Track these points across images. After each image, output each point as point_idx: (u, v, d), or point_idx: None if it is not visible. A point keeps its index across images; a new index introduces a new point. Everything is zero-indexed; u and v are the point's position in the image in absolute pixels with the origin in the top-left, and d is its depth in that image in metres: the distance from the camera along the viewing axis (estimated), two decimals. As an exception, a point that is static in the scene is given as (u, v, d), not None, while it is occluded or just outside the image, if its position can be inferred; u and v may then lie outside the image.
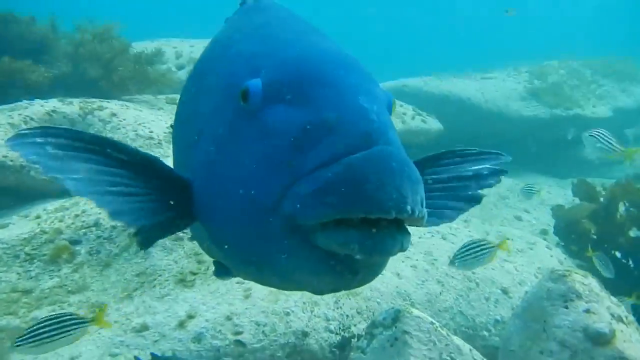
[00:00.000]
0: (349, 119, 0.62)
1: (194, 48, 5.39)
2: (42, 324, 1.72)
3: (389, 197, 0.57)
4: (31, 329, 1.71)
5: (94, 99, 3.33)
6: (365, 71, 0.74)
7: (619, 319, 1.72)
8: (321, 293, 0.71)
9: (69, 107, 3.17)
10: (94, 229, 2.62)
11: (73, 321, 1.75)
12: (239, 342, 2.33)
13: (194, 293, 2.39)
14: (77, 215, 2.67)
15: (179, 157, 1.03)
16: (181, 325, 2.30)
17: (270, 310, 2.40)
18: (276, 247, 0.64)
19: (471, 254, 2.45)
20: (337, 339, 2.61)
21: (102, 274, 2.54)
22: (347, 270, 0.63)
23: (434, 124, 5.72)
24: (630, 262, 3.37)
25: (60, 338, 1.72)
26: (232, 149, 0.72)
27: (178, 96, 4.88)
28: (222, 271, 1.22)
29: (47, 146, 0.75)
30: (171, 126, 1.32)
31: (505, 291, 3.01)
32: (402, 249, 0.63)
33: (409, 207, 0.58)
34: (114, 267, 2.56)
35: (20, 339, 1.71)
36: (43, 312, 2.30)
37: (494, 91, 7.02)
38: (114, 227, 2.65)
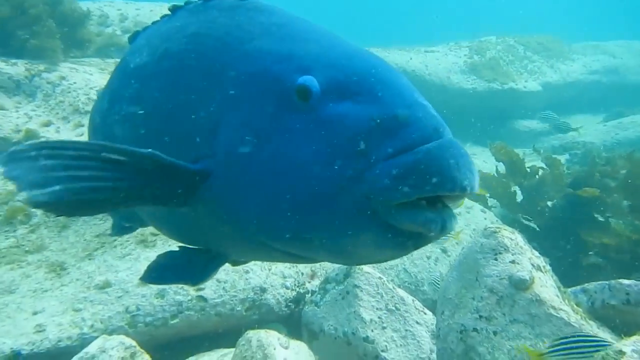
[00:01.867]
0: (419, 115, 0.73)
1: (140, 11, 5.23)
2: None
3: (465, 177, 0.69)
4: None
5: (38, 61, 3.24)
6: None
7: (538, 268, 2.01)
8: (369, 263, 0.81)
9: (13, 68, 3.07)
10: (50, 190, 2.63)
11: None
12: (201, 298, 2.47)
13: (156, 252, 2.49)
14: (32, 177, 2.66)
15: (143, 135, 1.00)
16: (144, 282, 2.40)
17: (230, 269, 2.54)
18: (345, 225, 0.71)
19: None
20: (293, 294, 2.81)
21: (61, 235, 2.57)
22: (412, 245, 0.73)
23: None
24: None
25: None
26: (284, 139, 0.76)
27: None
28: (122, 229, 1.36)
29: (41, 159, 0.75)
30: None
31: (444, 250, 3.31)
32: None
33: (476, 184, 0.70)
34: (72, 228, 2.59)
35: None
36: (2, 270, 2.33)
37: (436, 64, 7.34)
38: (71, 189, 2.67)
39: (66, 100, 3.08)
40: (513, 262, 2.02)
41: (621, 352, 1.02)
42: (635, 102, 8.06)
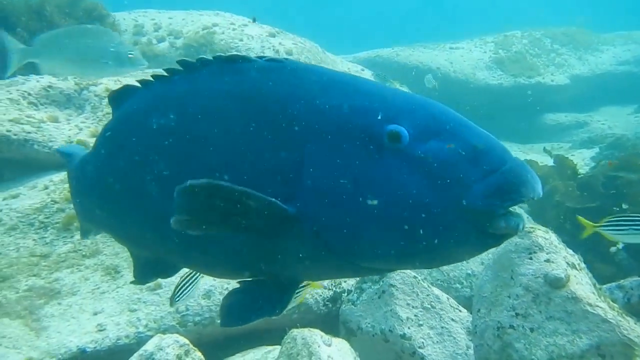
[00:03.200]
0: (492, 144, 0.91)
1: (173, 20, 5.41)
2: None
3: (537, 184, 0.88)
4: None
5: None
6: None
7: (573, 266, 2.07)
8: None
9: (64, 83, 3.26)
10: (101, 198, 2.81)
11: None
12: (245, 298, 2.60)
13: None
14: (84, 186, 2.83)
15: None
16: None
17: (271, 269, 2.66)
18: (448, 239, 0.89)
19: None
20: (330, 294, 2.92)
21: (113, 240, 2.73)
22: (495, 245, 0.91)
23: (405, 94, 5.99)
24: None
25: None
26: (385, 177, 0.92)
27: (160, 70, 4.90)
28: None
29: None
30: None
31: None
32: None
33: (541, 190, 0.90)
34: (123, 233, 2.76)
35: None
36: (63, 274, 2.50)
37: (461, 61, 7.35)
38: (120, 197, 2.84)
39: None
40: (548, 260, 2.08)
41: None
42: (668, 92, 7.89)
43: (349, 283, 2.98)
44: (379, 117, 0.95)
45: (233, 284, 1.15)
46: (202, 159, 1.10)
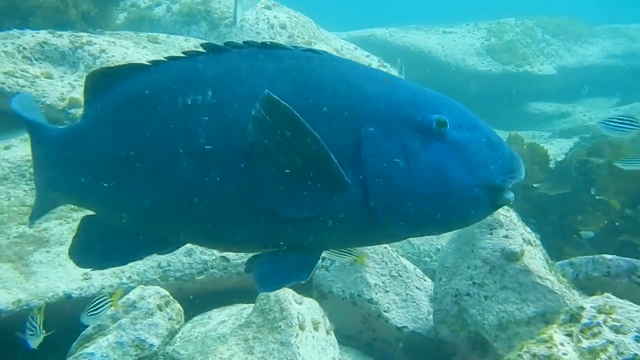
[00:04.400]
0: (497, 136, 1.16)
1: (168, -16, 5.43)
2: None
3: (524, 169, 1.15)
4: None
5: (82, 33, 3.47)
6: None
7: (528, 243, 2.25)
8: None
9: (59, 40, 3.31)
10: (91, 155, 2.91)
11: None
12: (224, 258, 2.76)
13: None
14: (74, 143, 2.93)
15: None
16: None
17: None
18: (472, 207, 1.13)
19: None
20: (305, 258, 3.08)
21: (101, 196, 2.85)
22: (492, 213, 1.22)
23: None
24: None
25: None
26: (431, 157, 1.13)
27: (160, 35, 5.01)
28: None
29: None
30: None
31: (447, 225, 3.54)
32: None
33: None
34: (111, 190, 2.87)
35: None
36: (52, 224, 2.63)
37: (453, 46, 7.43)
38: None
39: (104, 72, 3.32)
40: (506, 236, 2.26)
41: (582, 308, 1.27)
42: (653, 87, 8.07)
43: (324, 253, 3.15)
44: (425, 108, 1.16)
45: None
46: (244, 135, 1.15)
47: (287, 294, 2.32)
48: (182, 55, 1.28)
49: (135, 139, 1.26)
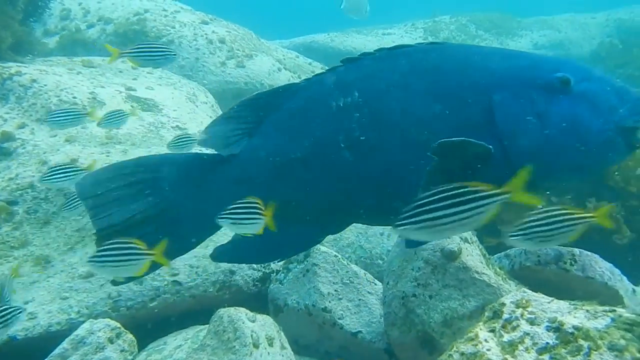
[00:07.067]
0: (620, 83, 1.25)
1: (102, 4, 5.31)
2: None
3: None
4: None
5: (10, 64, 3.37)
6: None
7: (465, 240, 2.36)
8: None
9: (-15, 73, 3.22)
10: (29, 190, 2.83)
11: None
12: (176, 282, 2.76)
13: (132, 243, 2.74)
14: (10, 179, 2.85)
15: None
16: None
17: (201, 255, 2.82)
18: (610, 150, 1.22)
19: None
20: (259, 274, 3.11)
21: (42, 231, 2.79)
22: (631, 153, 1.28)
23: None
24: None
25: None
26: (565, 111, 1.23)
27: (95, 58, 4.91)
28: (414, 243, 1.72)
29: None
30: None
31: (395, 226, 3.66)
32: None
33: None
34: (53, 224, 2.82)
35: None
36: (-10, 267, 2.55)
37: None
38: (49, 189, 2.88)
39: (38, 102, 3.24)
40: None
41: (503, 304, 1.36)
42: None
43: (278, 265, 3.19)
44: (546, 70, 1.30)
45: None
46: (399, 123, 1.41)
47: (240, 313, 2.35)
48: (324, 70, 1.56)
49: (305, 142, 1.51)
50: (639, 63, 6.88)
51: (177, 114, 3.82)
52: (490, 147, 1.28)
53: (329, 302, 2.79)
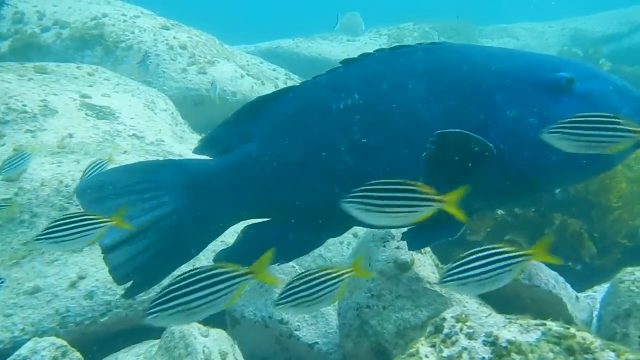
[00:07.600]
0: (623, 82, 1.25)
1: (58, 8, 5.15)
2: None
3: None
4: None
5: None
6: None
7: (418, 251, 2.40)
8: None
9: None
10: (-27, 204, 2.73)
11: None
12: (128, 295, 2.69)
13: (84, 257, 2.67)
14: (-47, 192, 2.73)
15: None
16: (73, 285, 2.58)
17: (154, 266, 2.75)
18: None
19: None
20: (216, 285, 3.07)
21: (-13, 247, 2.68)
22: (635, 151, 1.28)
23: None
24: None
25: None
26: (561, 110, 1.22)
27: (49, 64, 4.79)
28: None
29: None
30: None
31: (355, 235, 3.67)
32: None
33: None
34: (-2, 237, 2.71)
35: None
36: None
37: (357, 53, 7.66)
38: (-6, 202, 2.77)
39: (-17, 111, 3.13)
40: (398, 247, 2.38)
41: (444, 319, 1.38)
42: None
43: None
44: (547, 69, 1.30)
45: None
46: (401, 124, 1.40)
47: (191, 328, 2.31)
48: (325, 72, 1.54)
49: (305, 145, 1.50)
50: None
51: (134, 122, 3.74)
52: (491, 145, 1.29)
53: (286, 313, 2.77)
